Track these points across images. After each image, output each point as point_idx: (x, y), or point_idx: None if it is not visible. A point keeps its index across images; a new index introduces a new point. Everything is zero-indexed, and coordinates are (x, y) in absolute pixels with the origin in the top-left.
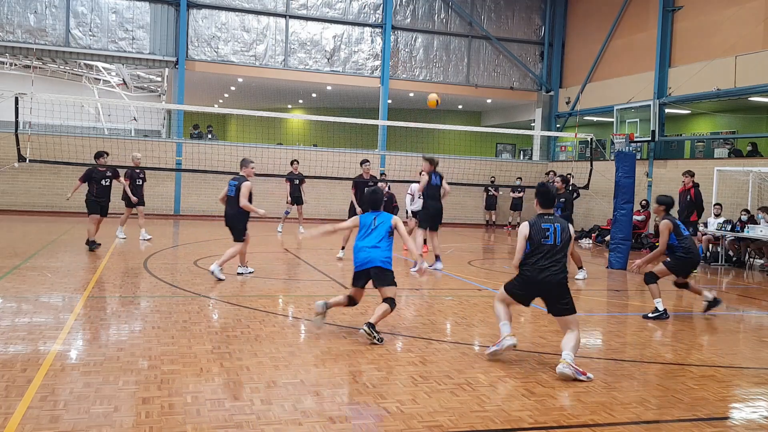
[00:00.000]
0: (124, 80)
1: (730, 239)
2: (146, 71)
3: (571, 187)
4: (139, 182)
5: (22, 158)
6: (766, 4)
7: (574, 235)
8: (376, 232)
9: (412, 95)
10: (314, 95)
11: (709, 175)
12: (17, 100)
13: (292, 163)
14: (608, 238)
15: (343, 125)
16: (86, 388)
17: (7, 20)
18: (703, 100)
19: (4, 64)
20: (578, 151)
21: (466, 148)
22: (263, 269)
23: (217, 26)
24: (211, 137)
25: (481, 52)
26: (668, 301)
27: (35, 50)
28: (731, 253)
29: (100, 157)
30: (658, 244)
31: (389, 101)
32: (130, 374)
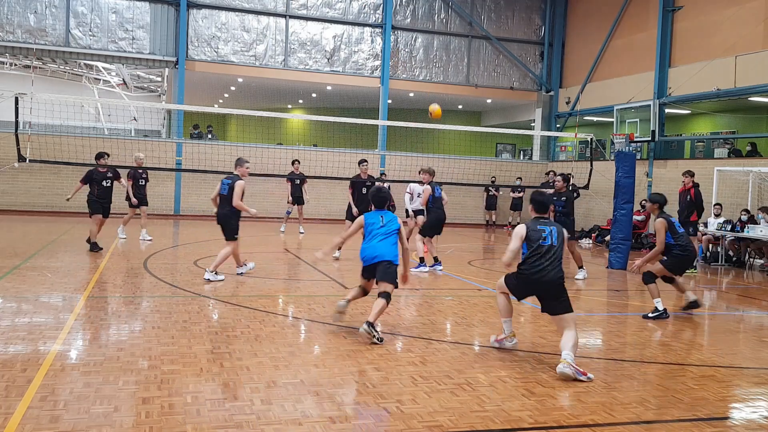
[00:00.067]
0: (124, 80)
1: (730, 239)
2: (146, 71)
3: (571, 187)
4: (141, 182)
5: (22, 158)
6: (766, 4)
7: (567, 235)
8: (384, 230)
9: (412, 95)
10: (314, 95)
11: (709, 175)
12: (17, 100)
13: (293, 163)
14: (608, 238)
15: (343, 125)
16: (86, 388)
17: (7, 20)
18: (703, 100)
19: (4, 64)
20: (578, 151)
21: (466, 148)
22: (263, 269)
23: (217, 26)
24: (211, 137)
25: (481, 52)
26: (668, 301)
27: (35, 50)
28: (731, 253)
29: (100, 158)
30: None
31: (389, 101)
32: (130, 374)
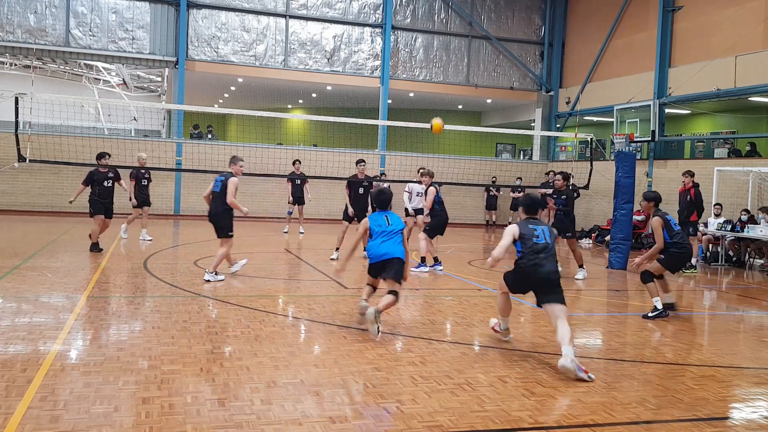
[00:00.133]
0: (124, 80)
1: (730, 239)
2: (146, 71)
3: (571, 186)
4: (144, 182)
5: (22, 158)
6: (766, 4)
7: (556, 233)
8: (390, 229)
9: (412, 95)
10: (314, 95)
11: (709, 175)
12: (17, 100)
13: (294, 163)
14: (608, 238)
15: (343, 125)
16: (86, 388)
17: (7, 20)
18: (703, 100)
19: (4, 64)
20: (578, 151)
21: (466, 148)
22: (263, 269)
23: (217, 26)
24: (211, 137)
25: (481, 52)
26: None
27: (35, 50)
28: (731, 253)
29: (101, 158)
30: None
31: (389, 101)
32: (130, 374)
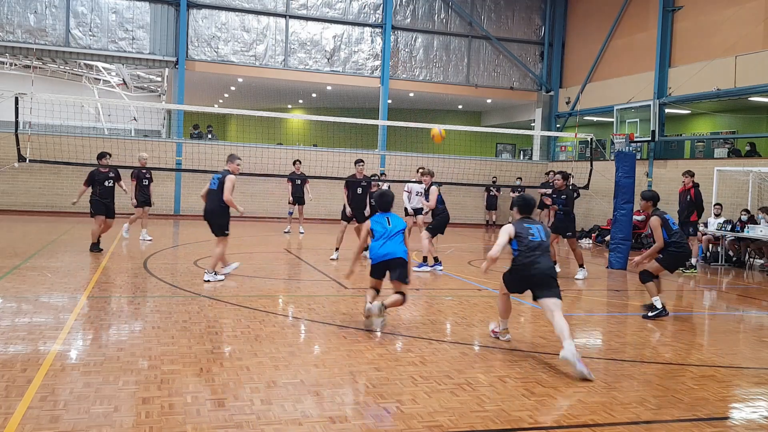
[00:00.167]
0: (124, 80)
1: (730, 239)
2: (146, 71)
3: (571, 187)
4: (145, 182)
5: (22, 158)
6: (766, 4)
7: (550, 231)
8: (391, 229)
9: (412, 95)
10: (314, 95)
11: (709, 175)
12: (17, 100)
13: (294, 163)
14: (608, 238)
15: (343, 125)
16: (86, 388)
17: (7, 20)
18: (703, 100)
19: (4, 64)
20: (578, 151)
21: (466, 148)
22: (263, 269)
23: (217, 26)
24: (211, 137)
25: (481, 52)
26: (668, 300)
27: (35, 50)
28: (731, 253)
29: (102, 157)
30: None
31: (389, 101)
32: (130, 374)
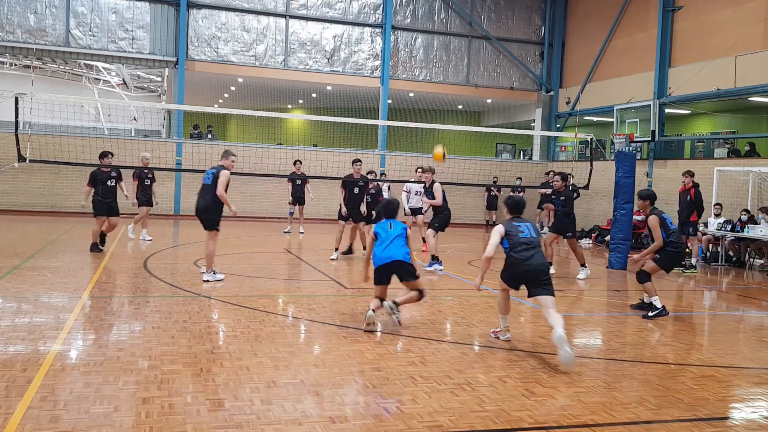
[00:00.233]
0: (124, 80)
1: (730, 239)
2: (146, 71)
3: (571, 187)
4: (147, 182)
5: (22, 158)
6: (766, 4)
7: (539, 228)
8: (392, 232)
9: (412, 95)
10: (314, 95)
11: (709, 175)
12: (17, 100)
13: (295, 163)
14: (608, 238)
15: (343, 125)
16: (86, 388)
17: (7, 20)
18: (703, 100)
19: (4, 64)
20: (578, 151)
21: (466, 148)
22: (263, 269)
23: (217, 26)
24: (211, 137)
25: (481, 52)
26: (668, 301)
27: (35, 50)
28: (731, 253)
29: (104, 157)
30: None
31: (389, 101)
32: (130, 374)
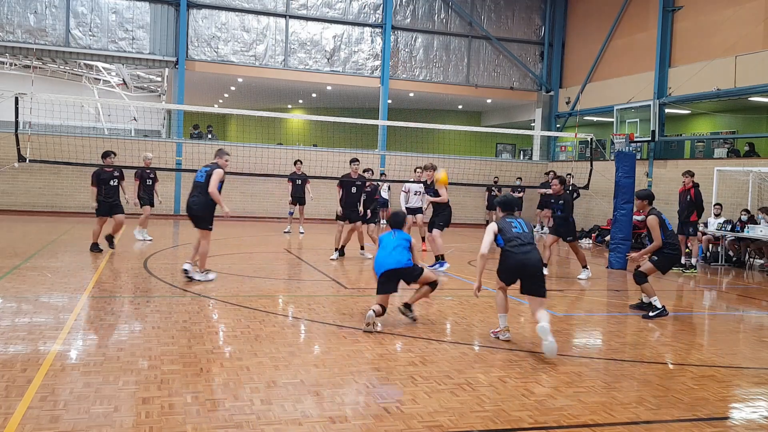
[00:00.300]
0: (124, 80)
1: (730, 239)
2: (146, 71)
3: (570, 187)
4: (149, 182)
5: (22, 158)
6: (766, 4)
7: (532, 225)
8: (395, 241)
9: (412, 95)
10: (314, 95)
11: (709, 175)
12: (17, 100)
13: (295, 163)
14: (608, 238)
15: (343, 125)
16: (86, 388)
17: (7, 20)
18: (703, 100)
19: (4, 64)
20: (578, 151)
21: (466, 148)
22: (263, 269)
23: (217, 26)
24: (211, 137)
25: (481, 52)
26: (668, 301)
27: (35, 50)
28: (731, 253)
29: (107, 156)
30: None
31: (389, 101)
32: (130, 374)
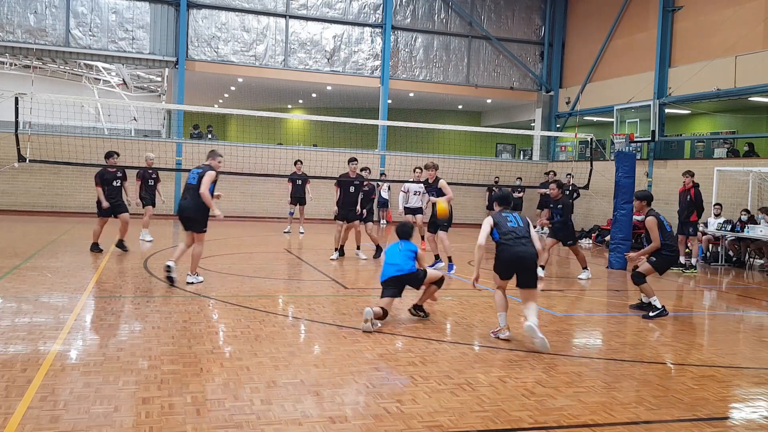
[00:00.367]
0: (124, 80)
1: (730, 239)
2: (146, 71)
3: (570, 187)
4: (151, 182)
5: (22, 158)
6: (766, 4)
7: (528, 219)
8: (401, 253)
9: (412, 95)
10: (314, 95)
11: (709, 175)
12: (17, 100)
13: (295, 163)
14: (608, 238)
15: (343, 125)
16: (86, 388)
17: (7, 20)
18: (703, 100)
19: (4, 64)
20: (578, 151)
21: (466, 148)
22: (263, 269)
23: (217, 26)
24: (211, 137)
25: (481, 52)
26: (668, 301)
27: (35, 50)
28: (731, 253)
29: (110, 157)
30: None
31: (389, 101)
32: (130, 374)
